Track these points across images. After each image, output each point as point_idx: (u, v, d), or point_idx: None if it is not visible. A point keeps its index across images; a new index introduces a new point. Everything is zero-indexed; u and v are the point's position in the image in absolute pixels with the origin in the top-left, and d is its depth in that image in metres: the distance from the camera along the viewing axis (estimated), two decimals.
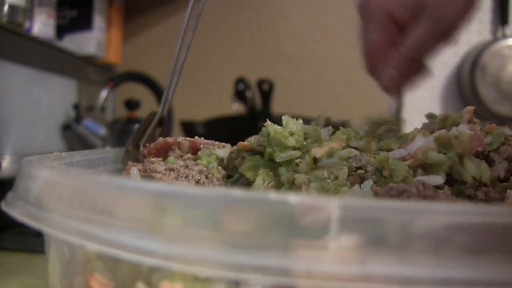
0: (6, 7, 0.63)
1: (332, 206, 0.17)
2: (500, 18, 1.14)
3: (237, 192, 0.18)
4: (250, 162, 0.34)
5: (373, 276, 0.16)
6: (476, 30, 1.16)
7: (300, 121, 0.34)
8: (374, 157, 0.31)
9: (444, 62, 1.17)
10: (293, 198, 0.17)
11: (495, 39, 1.13)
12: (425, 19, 0.42)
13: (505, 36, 1.13)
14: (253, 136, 0.36)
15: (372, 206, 0.17)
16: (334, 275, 0.16)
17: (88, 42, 0.96)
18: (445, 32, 0.44)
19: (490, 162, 0.30)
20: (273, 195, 0.17)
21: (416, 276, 0.16)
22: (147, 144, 0.39)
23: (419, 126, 0.40)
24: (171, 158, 0.37)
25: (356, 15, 0.49)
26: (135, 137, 0.41)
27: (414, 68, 0.45)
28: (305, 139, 0.34)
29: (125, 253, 0.18)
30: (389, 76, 0.44)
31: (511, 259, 0.16)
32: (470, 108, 0.35)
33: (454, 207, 0.19)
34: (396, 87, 0.45)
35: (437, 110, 1.18)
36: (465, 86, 1.14)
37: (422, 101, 1.17)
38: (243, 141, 0.38)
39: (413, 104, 1.16)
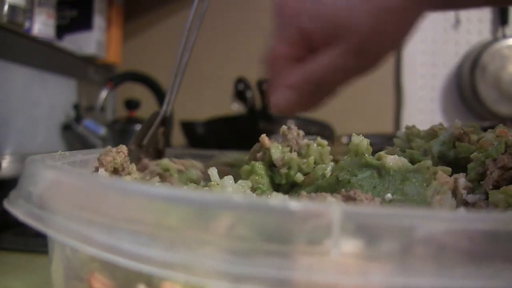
0: (6, 7, 0.63)
1: (333, 212, 0.17)
2: (500, 18, 1.14)
3: (238, 197, 0.18)
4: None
5: (374, 283, 0.16)
6: (476, 30, 1.16)
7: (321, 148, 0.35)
8: None
9: (444, 62, 1.17)
10: (294, 204, 0.17)
11: (495, 39, 1.13)
12: (342, 48, 0.35)
13: (505, 36, 1.13)
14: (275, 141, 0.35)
15: (373, 212, 0.17)
16: (335, 283, 0.16)
17: (88, 42, 0.97)
18: (364, 65, 0.36)
19: (485, 169, 0.30)
20: (274, 201, 0.17)
21: (418, 284, 0.16)
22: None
23: (418, 126, 0.40)
24: None
25: None
26: (138, 136, 0.41)
27: (317, 94, 0.38)
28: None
29: (124, 260, 0.18)
30: (285, 96, 0.37)
31: None
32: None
33: (456, 214, 0.19)
34: (289, 110, 0.38)
35: (437, 110, 1.18)
36: (465, 86, 1.14)
37: (422, 101, 1.17)
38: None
39: (413, 104, 1.16)
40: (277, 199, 0.18)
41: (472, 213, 0.21)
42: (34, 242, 0.47)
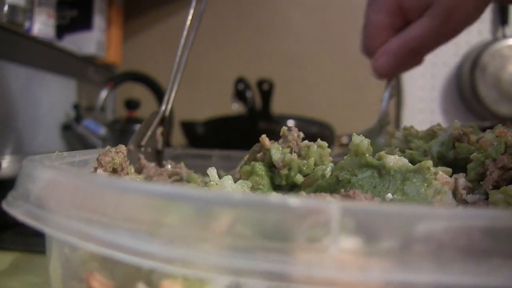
0: (6, 7, 0.63)
1: (332, 209, 0.17)
2: (500, 18, 1.14)
3: (237, 194, 0.18)
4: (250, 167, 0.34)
5: (373, 280, 0.16)
6: (476, 30, 1.16)
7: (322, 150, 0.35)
8: None
9: (444, 62, 1.17)
10: (293, 200, 0.17)
11: (495, 39, 1.13)
12: (432, 15, 0.42)
13: (505, 36, 1.13)
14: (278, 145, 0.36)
15: (372, 209, 0.17)
16: (334, 279, 0.16)
17: (88, 42, 0.97)
18: (451, 31, 0.43)
19: (484, 169, 0.30)
20: (273, 198, 0.17)
21: (416, 280, 0.16)
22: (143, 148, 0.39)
23: (418, 126, 0.40)
24: None
25: (356, 15, 0.49)
26: (137, 136, 0.41)
27: (411, 59, 0.44)
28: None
29: (124, 255, 0.18)
30: (386, 61, 0.44)
31: None
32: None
33: (455, 211, 0.19)
34: (389, 74, 0.45)
35: (437, 110, 1.18)
36: (465, 86, 1.14)
37: (422, 101, 1.17)
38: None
39: (413, 104, 1.16)
40: (277, 196, 0.18)
41: (471, 210, 0.21)
42: (34, 242, 0.47)
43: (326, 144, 0.35)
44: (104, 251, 0.18)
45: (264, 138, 0.35)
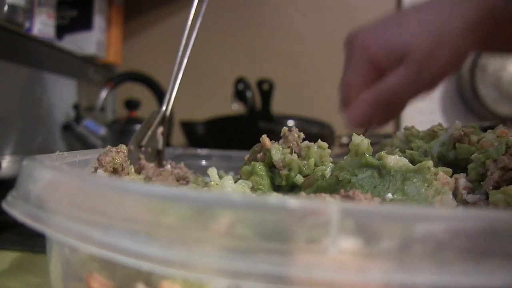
0: (6, 7, 0.63)
1: (331, 210, 0.17)
2: None
3: (236, 195, 0.18)
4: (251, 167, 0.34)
5: (372, 281, 0.16)
6: None
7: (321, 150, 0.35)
8: None
9: None
10: (292, 202, 0.17)
11: None
12: (407, 67, 0.40)
13: None
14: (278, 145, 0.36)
15: (372, 210, 0.17)
16: (334, 281, 0.16)
17: (88, 42, 0.97)
18: (427, 84, 0.42)
19: (485, 170, 0.30)
20: (273, 199, 0.17)
21: (416, 281, 0.16)
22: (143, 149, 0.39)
23: (418, 126, 0.40)
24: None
25: (356, 16, 0.49)
26: (137, 136, 0.41)
27: (386, 110, 0.43)
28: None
29: (123, 257, 0.18)
30: (358, 112, 0.43)
31: None
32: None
33: (454, 212, 0.19)
34: (361, 124, 0.44)
35: (437, 110, 1.18)
36: (465, 86, 1.14)
37: (422, 101, 1.17)
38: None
39: (413, 104, 1.16)
40: (276, 197, 0.18)
41: (470, 211, 0.21)
42: (34, 242, 0.47)
43: (326, 145, 0.35)
44: (103, 253, 0.18)
45: (264, 138, 0.35)
